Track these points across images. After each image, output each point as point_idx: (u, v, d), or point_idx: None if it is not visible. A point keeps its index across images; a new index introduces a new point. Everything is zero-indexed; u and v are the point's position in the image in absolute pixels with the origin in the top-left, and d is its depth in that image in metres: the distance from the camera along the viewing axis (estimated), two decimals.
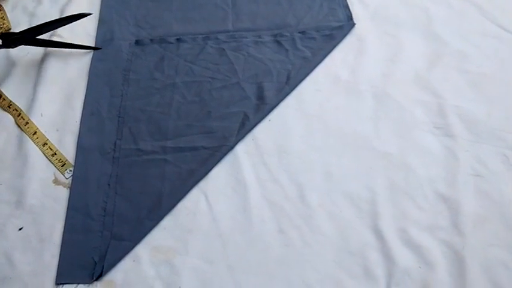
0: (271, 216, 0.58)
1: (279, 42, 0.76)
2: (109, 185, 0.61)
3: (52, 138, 0.66)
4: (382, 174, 0.62)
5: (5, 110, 0.69)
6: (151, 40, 0.77)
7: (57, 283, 0.53)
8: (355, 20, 0.79)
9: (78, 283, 0.53)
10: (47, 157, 0.64)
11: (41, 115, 0.68)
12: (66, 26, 0.75)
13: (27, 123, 0.67)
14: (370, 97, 0.69)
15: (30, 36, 0.73)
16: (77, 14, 0.74)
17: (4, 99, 0.69)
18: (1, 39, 0.72)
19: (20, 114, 0.68)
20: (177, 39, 0.77)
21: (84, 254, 0.55)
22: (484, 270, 0.53)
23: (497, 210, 0.58)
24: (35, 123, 0.67)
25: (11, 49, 0.74)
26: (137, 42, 0.77)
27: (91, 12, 0.77)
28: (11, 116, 0.68)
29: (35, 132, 0.66)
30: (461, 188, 0.60)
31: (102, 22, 0.80)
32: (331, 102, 0.69)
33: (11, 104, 0.69)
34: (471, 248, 0.55)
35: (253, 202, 0.59)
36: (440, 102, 0.68)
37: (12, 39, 0.72)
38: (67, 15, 0.76)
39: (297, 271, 0.54)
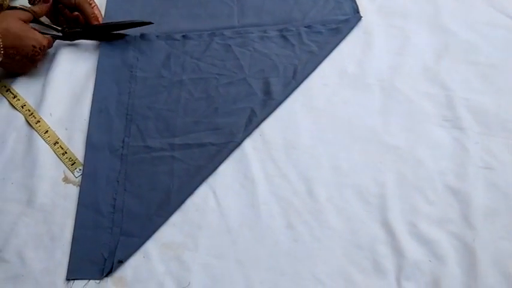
0: (280, 212, 0.58)
1: (285, 37, 0.76)
2: (118, 181, 0.61)
3: (61, 137, 0.66)
4: (391, 167, 0.61)
5: (17, 110, 0.69)
6: (157, 37, 0.77)
7: (68, 279, 0.54)
8: (361, 13, 0.78)
9: (89, 279, 0.54)
10: (57, 156, 0.64)
11: (50, 115, 0.68)
12: None
13: (38, 121, 0.67)
14: (378, 90, 0.69)
15: (88, 33, 0.77)
16: (140, 22, 0.76)
17: (19, 99, 0.70)
18: (62, 33, 0.75)
19: (32, 113, 0.68)
20: (183, 36, 0.77)
21: (95, 250, 0.56)
22: (494, 263, 0.53)
23: (508, 203, 0.57)
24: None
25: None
26: (142, 37, 0.77)
27: (152, 22, 0.77)
28: (20, 115, 0.68)
29: (47, 131, 0.66)
30: (471, 181, 0.59)
31: (107, 19, 0.80)
32: (339, 96, 0.69)
33: (24, 105, 0.70)
34: (482, 240, 0.54)
35: (262, 198, 0.59)
36: (449, 95, 0.68)
37: (72, 33, 0.75)
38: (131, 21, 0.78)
39: (306, 266, 0.54)
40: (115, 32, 0.77)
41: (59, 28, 0.76)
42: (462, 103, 0.66)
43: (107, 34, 0.77)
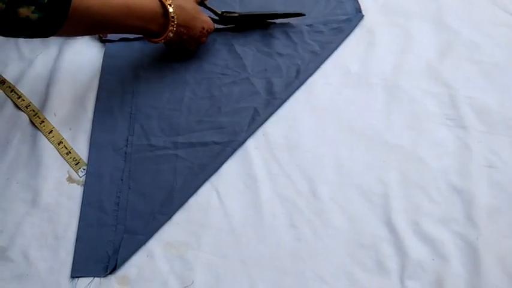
0: (283, 211, 0.58)
1: (287, 37, 0.76)
2: (122, 180, 0.62)
3: (65, 136, 0.67)
4: (394, 167, 0.61)
5: (22, 110, 0.70)
6: None
7: (73, 276, 0.54)
8: (364, 12, 0.78)
9: (93, 277, 0.54)
10: (61, 155, 0.65)
11: (54, 115, 0.69)
12: None
13: (42, 121, 0.68)
14: (380, 89, 0.69)
15: (244, 20, 0.77)
16: (294, 13, 0.77)
17: (23, 100, 0.71)
18: (219, 17, 0.75)
19: (36, 113, 0.69)
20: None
21: (99, 248, 0.56)
22: (498, 262, 0.53)
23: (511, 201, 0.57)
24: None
25: (21, 46, 0.77)
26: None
27: (304, 14, 0.78)
28: (25, 116, 0.69)
29: (51, 131, 0.67)
30: (475, 180, 0.59)
31: None
32: (342, 95, 0.69)
33: (29, 105, 0.70)
34: (485, 239, 0.54)
35: (265, 197, 0.59)
36: (452, 93, 0.67)
37: (229, 18, 0.76)
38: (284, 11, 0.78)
39: (309, 265, 0.54)
40: (269, 21, 0.78)
41: (218, 12, 0.75)
42: (465, 102, 0.66)
43: (260, 23, 0.78)
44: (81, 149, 0.65)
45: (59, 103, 0.70)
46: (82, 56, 0.76)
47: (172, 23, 0.65)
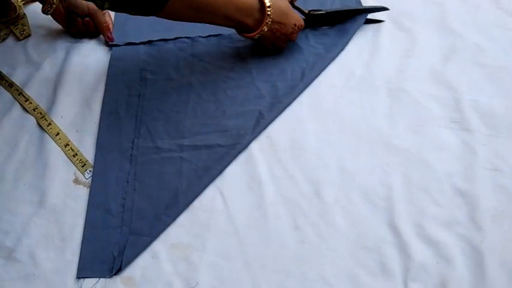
0: (287, 213, 0.59)
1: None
2: (127, 182, 0.62)
3: (72, 139, 0.67)
4: (398, 169, 0.61)
5: (29, 113, 0.70)
6: (166, 40, 0.78)
7: (78, 277, 0.55)
8: (368, 16, 0.78)
9: (99, 277, 0.54)
10: (68, 158, 0.65)
11: (61, 117, 0.70)
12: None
13: (49, 124, 0.69)
14: (385, 92, 0.69)
15: (330, 17, 0.77)
16: (377, 7, 0.77)
17: (31, 103, 0.71)
18: (305, 16, 0.76)
19: (43, 116, 0.70)
20: (192, 39, 0.78)
21: (104, 249, 0.57)
22: (502, 265, 0.52)
23: None
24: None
25: (26, 49, 0.79)
26: (152, 43, 0.78)
27: (387, 8, 0.78)
28: (32, 118, 0.70)
29: (58, 133, 0.68)
30: (479, 183, 0.59)
31: (117, 24, 0.82)
32: (346, 98, 0.69)
33: (36, 108, 0.71)
34: (489, 243, 0.54)
35: (269, 199, 0.60)
36: (457, 97, 0.67)
37: (316, 16, 0.76)
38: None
39: (313, 267, 0.54)
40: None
41: (306, 11, 0.76)
42: (470, 105, 0.66)
43: (344, 19, 0.77)
44: (88, 151, 0.66)
45: (66, 106, 0.71)
46: (89, 60, 0.77)
47: (268, 18, 0.66)
